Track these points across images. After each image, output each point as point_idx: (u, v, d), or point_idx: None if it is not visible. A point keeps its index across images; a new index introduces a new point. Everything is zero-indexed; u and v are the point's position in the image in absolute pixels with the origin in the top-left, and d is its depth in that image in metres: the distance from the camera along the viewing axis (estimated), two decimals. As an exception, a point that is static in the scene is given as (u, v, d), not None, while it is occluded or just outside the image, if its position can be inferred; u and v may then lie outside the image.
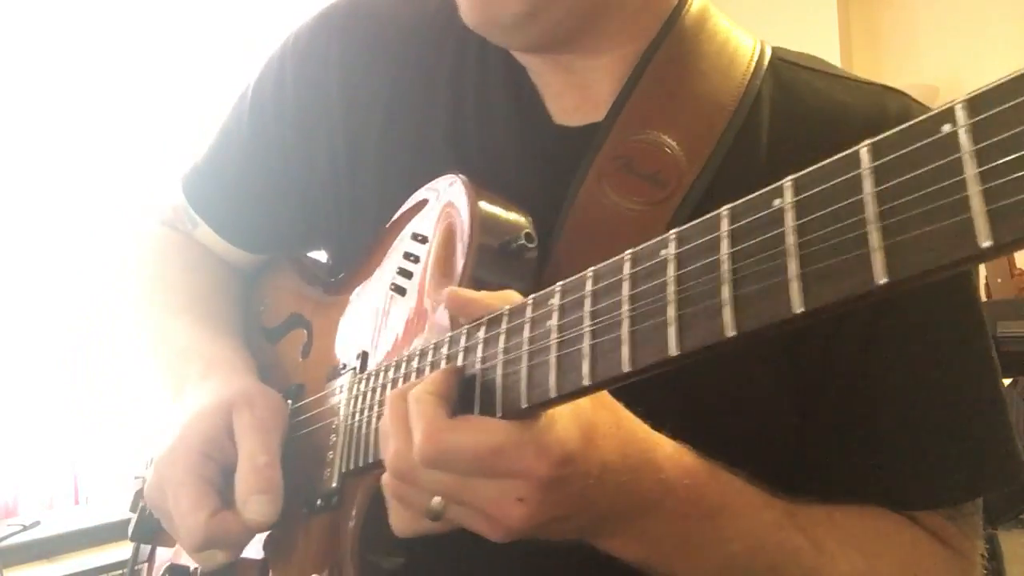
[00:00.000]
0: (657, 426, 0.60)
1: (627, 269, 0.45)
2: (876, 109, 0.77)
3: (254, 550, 0.83)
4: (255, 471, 0.74)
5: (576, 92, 0.81)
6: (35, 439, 2.17)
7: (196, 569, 0.86)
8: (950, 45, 3.59)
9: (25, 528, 1.88)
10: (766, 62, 0.80)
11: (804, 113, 0.77)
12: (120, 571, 1.83)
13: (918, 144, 0.30)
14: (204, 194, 1.02)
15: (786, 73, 0.80)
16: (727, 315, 0.37)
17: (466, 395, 0.57)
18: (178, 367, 0.91)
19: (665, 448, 0.59)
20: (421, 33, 0.88)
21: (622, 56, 0.79)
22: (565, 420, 0.53)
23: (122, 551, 1.85)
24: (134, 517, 0.91)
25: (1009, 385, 2.56)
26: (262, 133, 0.95)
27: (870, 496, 0.73)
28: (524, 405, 0.52)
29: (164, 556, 0.96)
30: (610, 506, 0.57)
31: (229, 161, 0.99)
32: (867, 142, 0.33)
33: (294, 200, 0.94)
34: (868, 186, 0.31)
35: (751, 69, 0.78)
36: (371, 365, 0.77)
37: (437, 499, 0.55)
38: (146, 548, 1.02)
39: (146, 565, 1.01)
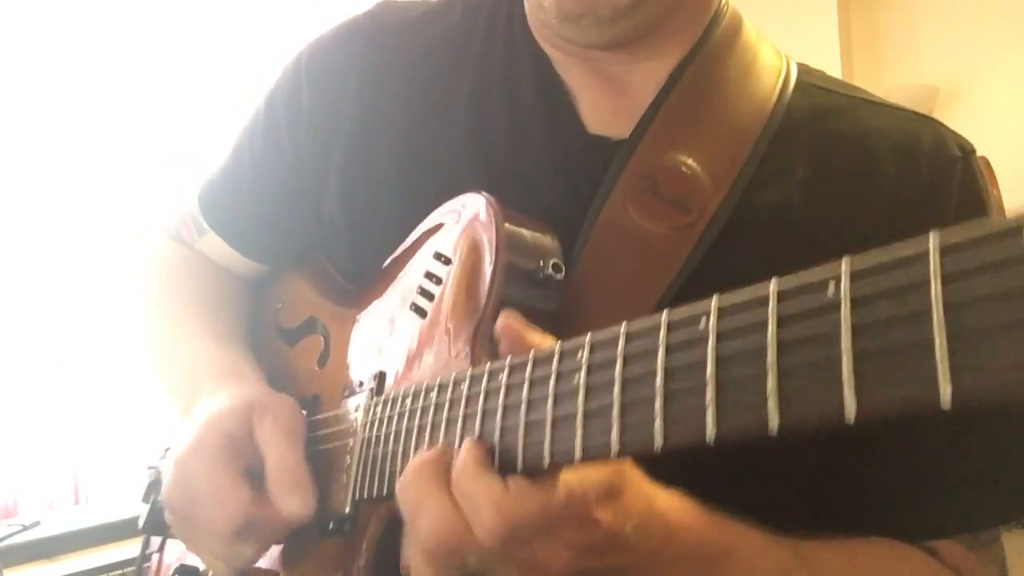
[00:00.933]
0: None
1: (663, 335, 0.43)
2: (910, 137, 0.76)
3: (266, 567, 0.82)
4: (287, 470, 0.73)
5: (614, 99, 0.80)
6: (35, 439, 2.16)
7: (206, 570, 0.85)
8: (950, 45, 3.57)
9: (25, 528, 1.87)
10: (792, 85, 0.79)
11: (840, 140, 0.76)
12: (120, 571, 1.83)
13: (996, 251, 0.28)
14: (218, 207, 1.01)
15: (820, 99, 0.79)
16: (771, 407, 0.35)
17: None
18: (185, 385, 0.90)
19: (664, 495, 0.58)
20: (444, 45, 0.87)
21: (663, 62, 0.79)
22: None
23: (122, 551, 1.85)
24: (146, 508, 0.89)
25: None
26: (275, 148, 0.94)
27: (891, 524, 0.72)
28: (545, 465, 0.50)
29: (175, 551, 0.95)
30: (628, 555, 0.55)
31: (243, 175, 0.99)
32: (936, 236, 0.30)
33: (307, 214, 0.93)
34: (935, 289, 0.29)
35: (776, 94, 0.77)
36: (388, 387, 0.76)
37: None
38: (153, 544, 1.01)
39: (157, 555, 1.00)
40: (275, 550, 0.82)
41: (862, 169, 0.74)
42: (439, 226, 0.78)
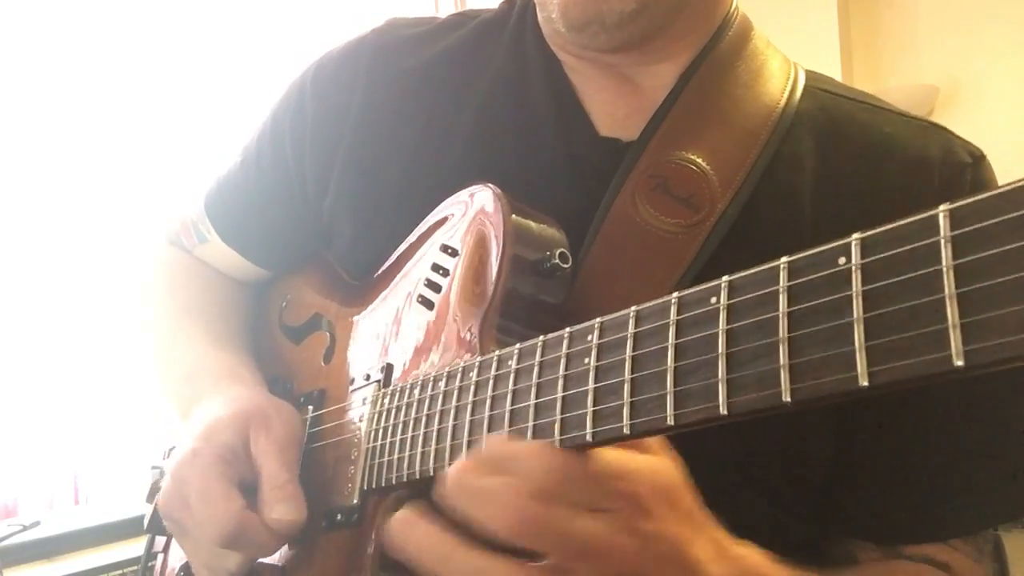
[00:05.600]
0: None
1: (673, 313, 0.43)
2: (919, 144, 0.77)
3: (272, 560, 0.82)
4: (279, 485, 0.73)
5: (627, 102, 0.81)
6: (35, 439, 2.15)
7: None
8: (950, 45, 3.57)
9: (25, 528, 1.87)
10: (800, 90, 0.80)
11: (850, 145, 0.77)
12: (120, 571, 1.82)
13: (1004, 217, 0.28)
14: (228, 218, 1.03)
15: (829, 103, 0.80)
16: (784, 381, 0.35)
17: None
18: (185, 388, 0.91)
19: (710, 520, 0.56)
20: (454, 53, 0.89)
21: (674, 63, 0.80)
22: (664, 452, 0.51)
23: (122, 551, 1.85)
24: (150, 508, 0.90)
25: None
26: (281, 163, 0.96)
27: (896, 527, 0.73)
28: (557, 445, 0.50)
29: (180, 552, 0.95)
30: (677, 557, 0.52)
31: (251, 187, 1.00)
32: (946, 206, 0.31)
33: (312, 222, 0.95)
34: (946, 257, 0.29)
35: (784, 98, 0.78)
36: (395, 379, 0.76)
37: None
38: (157, 544, 1.01)
39: (161, 556, 1.00)
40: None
41: (870, 174, 0.75)
42: (446, 219, 0.78)
